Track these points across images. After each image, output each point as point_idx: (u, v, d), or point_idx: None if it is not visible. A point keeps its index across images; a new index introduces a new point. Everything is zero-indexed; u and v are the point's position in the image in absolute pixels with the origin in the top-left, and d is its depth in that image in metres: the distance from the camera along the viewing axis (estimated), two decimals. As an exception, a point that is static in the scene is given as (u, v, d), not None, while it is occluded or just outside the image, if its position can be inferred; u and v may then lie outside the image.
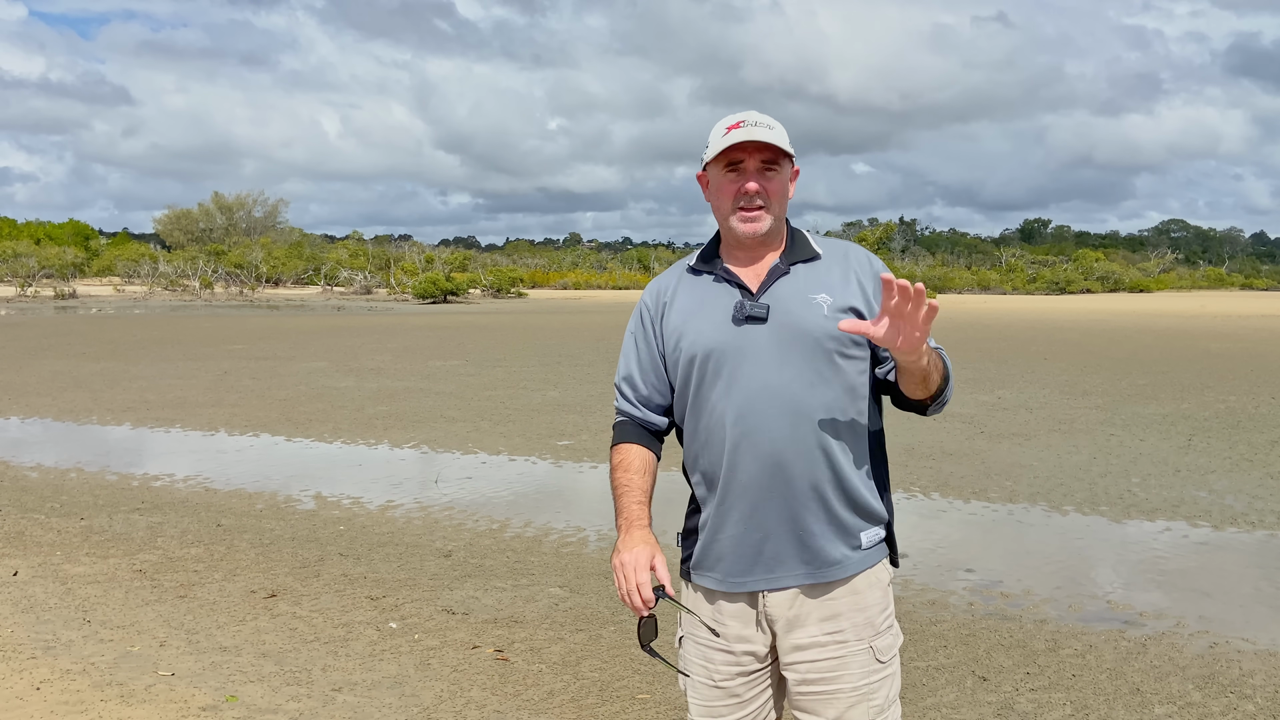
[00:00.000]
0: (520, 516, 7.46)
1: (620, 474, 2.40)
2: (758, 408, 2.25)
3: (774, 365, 2.24)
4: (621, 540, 2.28)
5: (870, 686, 2.29)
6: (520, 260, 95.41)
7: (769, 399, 2.24)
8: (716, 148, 2.28)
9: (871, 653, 2.30)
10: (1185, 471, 9.02)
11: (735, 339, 2.27)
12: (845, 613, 2.29)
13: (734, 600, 2.33)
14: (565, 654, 4.70)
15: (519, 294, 64.97)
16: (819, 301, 2.26)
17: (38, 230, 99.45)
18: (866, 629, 2.30)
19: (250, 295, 64.29)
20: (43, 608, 5.29)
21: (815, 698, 2.29)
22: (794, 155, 2.31)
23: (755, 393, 2.25)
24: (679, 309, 2.36)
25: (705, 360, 2.29)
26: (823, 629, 2.28)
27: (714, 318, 2.30)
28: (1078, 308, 47.35)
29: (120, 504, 7.80)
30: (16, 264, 70.19)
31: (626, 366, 2.44)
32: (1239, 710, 4.12)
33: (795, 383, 2.23)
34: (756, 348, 2.25)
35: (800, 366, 2.24)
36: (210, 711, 4.04)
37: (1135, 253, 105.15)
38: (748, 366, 2.25)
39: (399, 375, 16.99)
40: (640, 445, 2.42)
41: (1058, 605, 5.48)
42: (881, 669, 2.30)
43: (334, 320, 36.01)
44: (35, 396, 14.20)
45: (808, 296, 2.27)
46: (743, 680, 2.34)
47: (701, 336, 2.30)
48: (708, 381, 2.29)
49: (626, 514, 2.32)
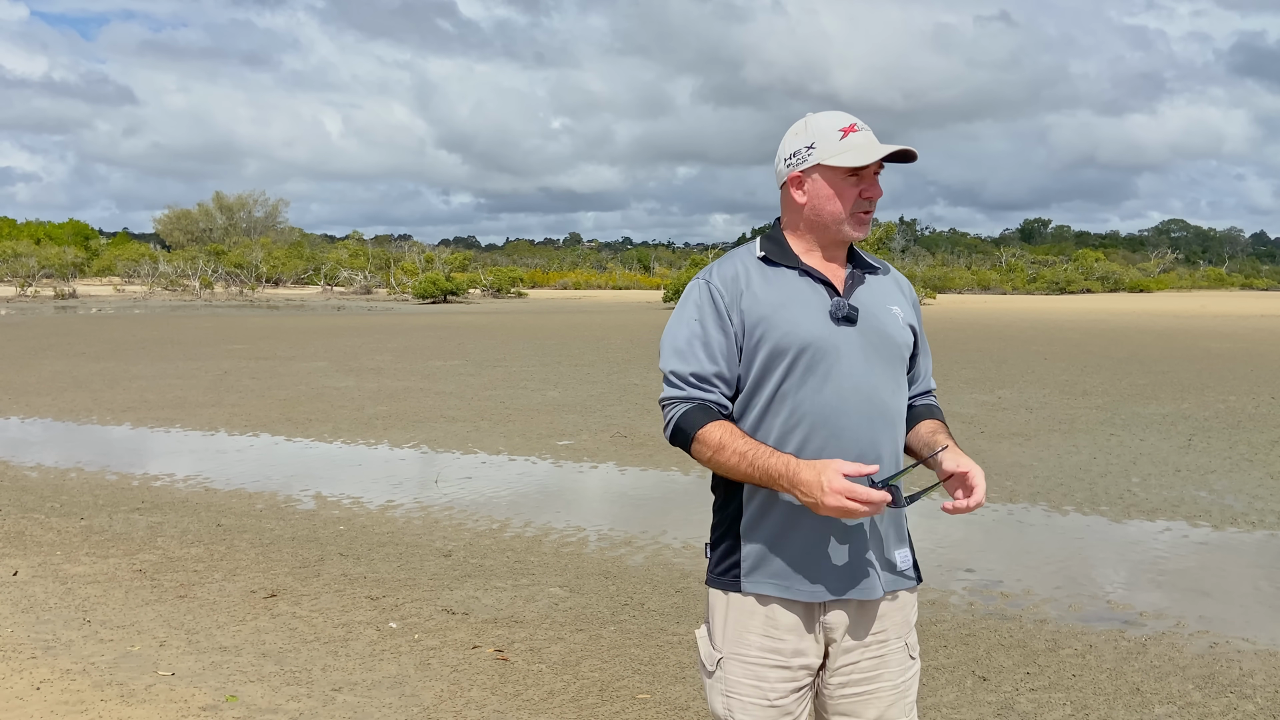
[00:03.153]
0: (520, 516, 7.46)
1: (736, 442, 2.16)
2: (848, 409, 2.21)
3: (863, 368, 2.24)
4: (804, 475, 2.07)
5: (906, 684, 2.31)
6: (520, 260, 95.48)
7: (859, 401, 2.22)
8: (850, 153, 2.23)
9: (906, 649, 2.32)
10: (1185, 471, 9.02)
11: (832, 336, 2.22)
12: (888, 612, 2.30)
13: (791, 609, 2.22)
14: (565, 654, 4.70)
15: (519, 294, 65.00)
16: (894, 312, 2.33)
17: (38, 230, 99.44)
18: (904, 626, 2.32)
19: (250, 295, 64.31)
20: (43, 608, 5.29)
21: (856, 699, 2.26)
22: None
23: (848, 394, 2.21)
24: (761, 298, 2.24)
25: (800, 355, 2.19)
26: (869, 629, 2.28)
27: (809, 313, 2.22)
28: (1078, 308, 47.35)
29: (120, 504, 7.80)
30: (16, 264, 70.18)
31: (691, 349, 2.24)
32: (1239, 710, 4.12)
33: (883, 388, 2.27)
34: (850, 348, 2.24)
35: (885, 372, 2.28)
36: (210, 711, 4.04)
37: (1135, 252, 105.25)
38: (843, 366, 2.22)
39: (399, 375, 16.99)
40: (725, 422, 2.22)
41: (1058, 605, 5.48)
42: (913, 665, 2.34)
43: (334, 320, 36.01)
44: (35, 396, 14.20)
45: (886, 305, 2.33)
46: (796, 696, 2.24)
47: (798, 329, 2.20)
48: (798, 376, 2.20)
49: (778, 459, 2.12)
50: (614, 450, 10.08)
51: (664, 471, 9.08)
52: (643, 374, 17.04)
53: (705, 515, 2.46)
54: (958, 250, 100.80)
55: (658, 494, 8.32)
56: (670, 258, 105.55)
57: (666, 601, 5.50)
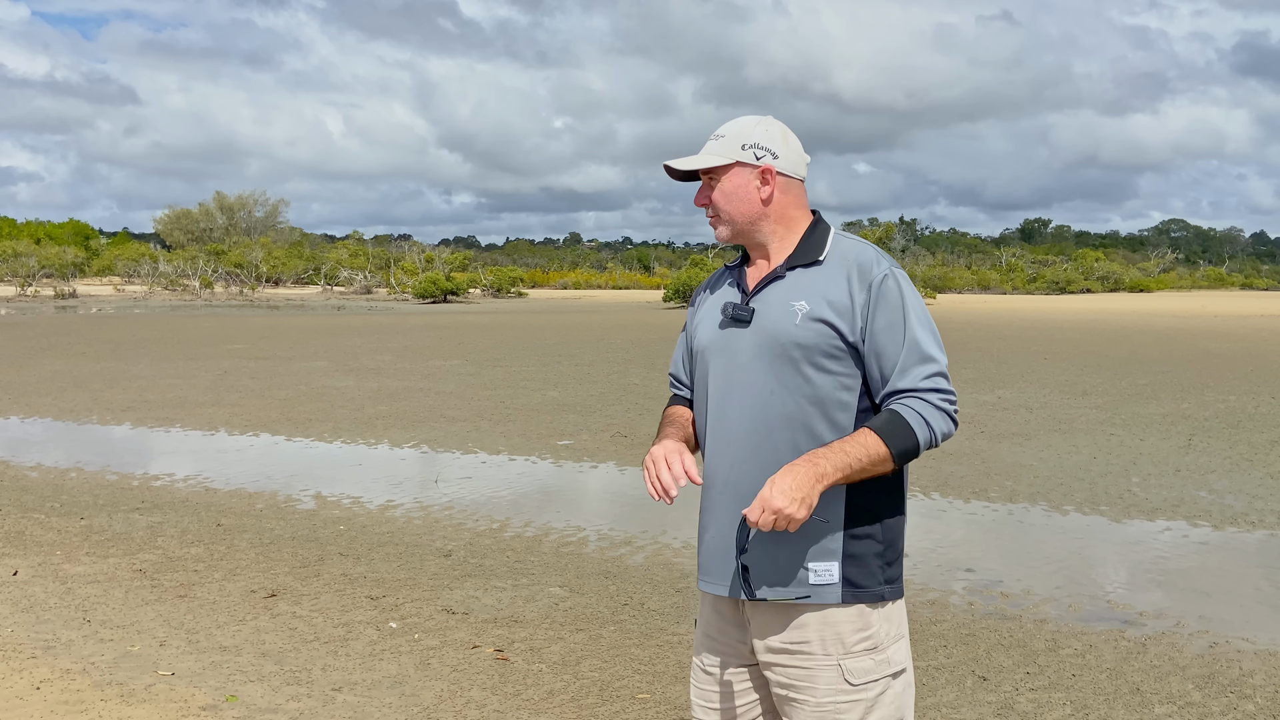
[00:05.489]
0: (520, 516, 7.46)
1: (663, 419, 2.45)
2: (727, 412, 2.26)
3: (746, 370, 2.24)
4: (653, 448, 2.31)
5: (836, 708, 2.19)
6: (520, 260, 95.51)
7: (735, 404, 2.25)
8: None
9: (841, 672, 2.19)
10: (1185, 471, 9.02)
11: (721, 340, 2.30)
12: (809, 623, 2.21)
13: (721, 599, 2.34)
14: (565, 654, 4.70)
15: (519, 294, 65.01)
16: (796, 308, 2.21)
17: (38, 230, 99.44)
18: (833, 644, 2.20)
19: (250, 295, 64.31)
20: (43, 608, 5.29)
21: (782, 701, 2.27)
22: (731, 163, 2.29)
23: (726, 396, 2.27)
24: (702, 304, 2.44)
25: (701, 357, 2.36)
26: (780, 635, 2.23)
27: (713, 317, 2.35)
28: (1078, 308, 47.35)
29: (120, 504, 7.80)
30: (16, 264, 70.17)
31: (676, 353, 2.55)
32: (1239, 710, 4.12)
33: (758, 390, 2.22)
34: (737, 351, 2.26)
35: (766, 372, 2.22)
36: (210, 711, 4.04)
37: (1135, 252, 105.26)
38: (726, 369, 2.27)
39: (399, 375, 16.99)
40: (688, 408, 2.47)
41: (1058, 605, 5.48)
42: (850, 692, 2.19)
43: (334, 320, 36.01)
44: (35, 396, 14.20)
45: (789, 303, 2.22)
46: (723, 669, 2.35)
47: (700, 333, 2.38)
48: (700, 379, 2.37)
49: (661, 434, 2.36)
50: (614, 450, 10.08)
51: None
52: (643, 374, 17.05)
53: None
54: (958, 250, 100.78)
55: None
56: (670, 258, 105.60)
57: (666, 601, 5.50)
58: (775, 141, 2.30)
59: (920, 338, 2.19)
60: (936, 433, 2.17)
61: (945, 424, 2.19)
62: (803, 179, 2.36)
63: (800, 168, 2.34)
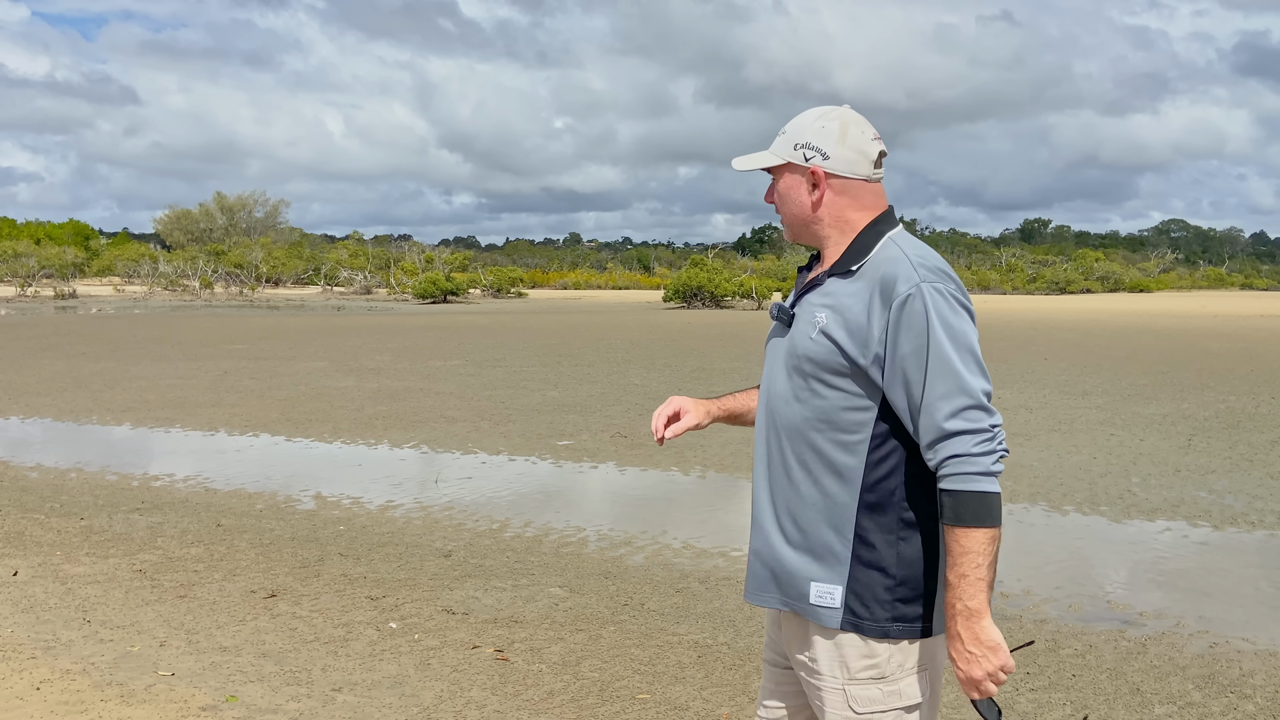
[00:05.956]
0: (520, 516, 7.46)
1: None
2: (761, 414, 2.30)
3: (776, 376, 2.25)
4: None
5: None
6: (520, 260, 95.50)
7: (764, 408, 2.29)
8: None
9: (846, 699, 2.13)
10: (1185, 471, 9.02)
11: (772, 340, 2.32)
12: (820, 642, 2.17)
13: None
14: (565, 654, 4.70)
15: (519, 294, 64.99)
16: (816, 320, 2.14)
17: (38, 230, 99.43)
18: (838, 667, 2.14)
19: (250, 295, 64.30)
20: (43, 608, 5.29)
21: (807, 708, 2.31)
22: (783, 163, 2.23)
23: (764, 397, 2.30)
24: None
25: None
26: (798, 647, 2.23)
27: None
28: (1078, 308, 47.35)
29: (120, 504, 7.80)
30: (16, 264, 70.16)
31: None
32: (1239, 710, 4.12)
33: (781, 397, 2.22)
34: (776, 354, 2.28)
35: (783, 380, 2.22)
36: (210, 711, 4.04)
37: (1135, 252, 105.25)
38: (770, 371, 2.29)
39: (399, 375, 16.99)
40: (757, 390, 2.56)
41: (1058, 605, 5.49)
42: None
43: (334, 320, 36.02)
44: (35, 396, 14.20)
45: (814, 313, 2.16)
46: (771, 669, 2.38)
47: (771, 330, 2.38)
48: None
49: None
50: (614, 450, 10.08)
51: (664, 471, 9.08)
52: (643, 374, 17.05)
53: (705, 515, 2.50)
54: (958, 250, 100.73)
55: (658, 494, 8.32)
56: (670, 258, 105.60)
57: (666, 601, 5.50)
58: (829, 140, 2.17)
59: (949, 365, 2.02)
60: (992, 473, 2.02)
61: (989, 462, 2.02)
62: (866, 177, 2.20)
63: (860, 166, 2.18)
